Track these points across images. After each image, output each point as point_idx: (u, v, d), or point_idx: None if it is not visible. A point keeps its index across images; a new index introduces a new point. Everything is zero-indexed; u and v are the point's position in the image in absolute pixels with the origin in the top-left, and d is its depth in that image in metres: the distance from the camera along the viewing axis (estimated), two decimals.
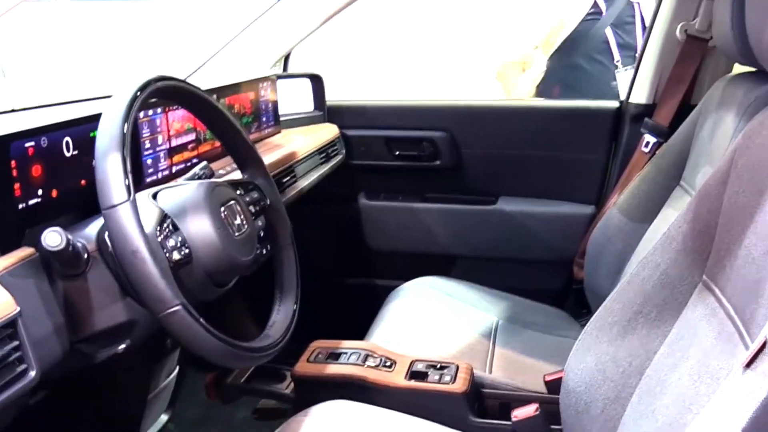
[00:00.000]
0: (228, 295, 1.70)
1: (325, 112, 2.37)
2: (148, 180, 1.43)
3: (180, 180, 1.31)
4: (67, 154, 1.17)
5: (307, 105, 2.35)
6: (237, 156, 1.30)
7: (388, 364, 1.57)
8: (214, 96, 1.68)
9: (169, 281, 0.94)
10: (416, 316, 1.91)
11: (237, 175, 1.40)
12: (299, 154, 1.98)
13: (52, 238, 0.92)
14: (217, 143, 1.73)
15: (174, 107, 1.53)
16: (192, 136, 1.62)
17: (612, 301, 1.27)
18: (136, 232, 0.92)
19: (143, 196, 1.08)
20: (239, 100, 1.88)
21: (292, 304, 1.27)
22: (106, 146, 0.95)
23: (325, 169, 2.16)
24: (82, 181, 1.22)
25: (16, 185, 1.06)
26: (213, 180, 1.21)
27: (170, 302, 0.94)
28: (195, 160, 1.62)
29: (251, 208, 1.26)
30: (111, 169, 0.94)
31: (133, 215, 0.93)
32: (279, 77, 2.19)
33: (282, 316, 1.24)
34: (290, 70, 2.43)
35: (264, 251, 1.27)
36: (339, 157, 2.31)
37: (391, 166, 2.37)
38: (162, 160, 1.49)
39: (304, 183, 1.96)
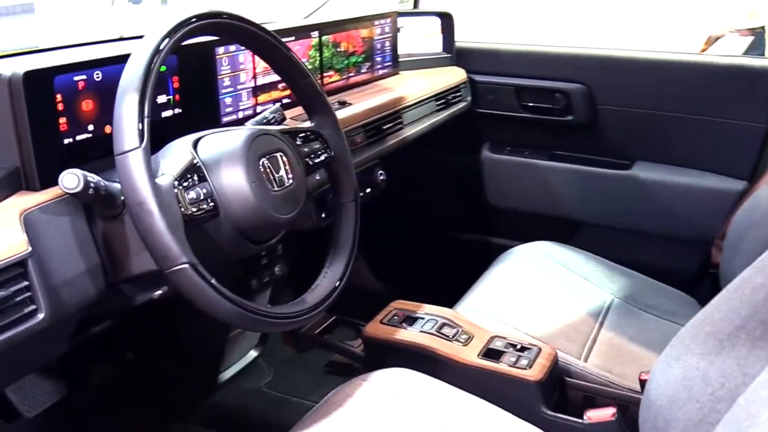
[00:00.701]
0: (276, 252, 1.64)
1: (453, 54, 2.20)
2: (225, 120, 1.38)
3: (248, 123, 1.24)
4: None
5: (434, 46, 2.20)
6: (303, 101, 1.21)
7: (464, 337, 1.45)
8: (316, 33, 1.60)
9: (178, 236, 0.88)
10: (518, 284, 1.75)
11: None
12: (409, 99, 1.86)
13: (69, 179, 0.89)
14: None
15: None
16: None
17: (713, 307, 1.06)
18: (145, 182, 0.86)
19: (183, 142, 1.02)
20: (348, 38, 1.78)
21: (341, 269, 1.18)
22: (124, 88, 0.89)
23: (440, 116, 2.02)
24: None
25: (62, 119, 1.04)
26: (260, 127, 1.12)
27: (176, 259, 0.88)
28: (286, 101, 1.55)
29: (308, 159, 1.17)
30: (126, 112, 0.88)
31: (143, 163, 0.87)
32: (401, 14, 2.05)
33: (327, 281, 1.15)
34: (422, 8, 2.28)
35: (322, 209, 1.18)
36: (462, 105, 2.15)
37: (519, 118, 2.18)
38: (244, 98, 1.44)
39: (410, 131, 1.84)
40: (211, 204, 0.97)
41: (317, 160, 1.18)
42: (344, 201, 1.23)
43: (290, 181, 1.08)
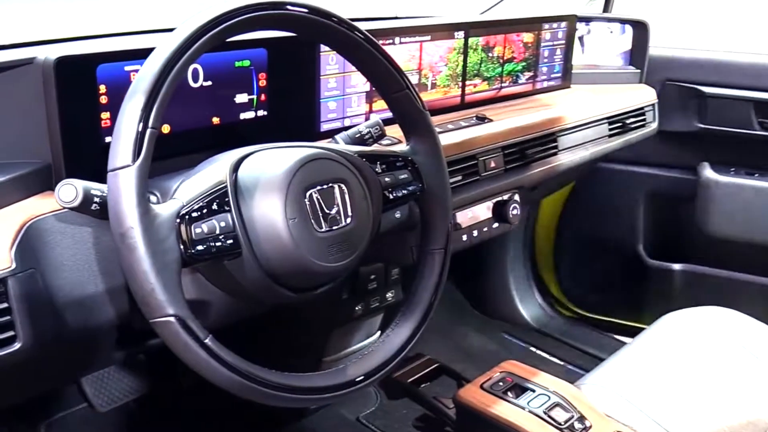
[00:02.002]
0: (390, 275, 1.42)
1: (643, 71, 1.86)
2: (324, 128, 1.19)
3: (338, 137, 1.04)
4: (194, 85, 0.99)
5: (621, 58, 1.87)
6: (398, 118, 0.98)
7: (576, 426, 1.16)
8: (461, 33, 1.37)
9: (165, 280, 0.71)
10: (676, 360, 1.38)
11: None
12: (573, 120, 1.56)
13: (66, 191, 0.74)
14: (445, 93, 1.41)
15: (386, 40, 1.25)
16: (413, 79, 1.33)
17: None
18: (131, 208, 0.70)
19: (224, 158, 0.84)
20: (506, 42, 1.51)
21: (404, 335, 0.94)
22: (130, 90, 0.73)
23: (612, 143, 1.69)
24: (214, 119, 1.03)
25: (105, 115, 0.90)
26: (321, 147, 0.91)
27: (159, 309, 0.71)
28: None
29: (389, 192, 0.94)
30: (125, 119, 0.72)
31: (133, 185, 0.70)
32: (581, 19, 1.74)
33: (384, 348, 0.93)
34: (614, 12, 1.95)
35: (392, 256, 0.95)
36: (644, 130, 1.80)
37: (749, 136, 1.85)
38: (354, 103, 1.24)
39: (566, 158, 1.54)
40: (229, 242, 0.78)
41: (400, 194, 0.96)
42: (430, 248, 0.99)
43: (348, 220, 0.86)
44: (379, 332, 1.64)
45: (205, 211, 0.77)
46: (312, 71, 1.15)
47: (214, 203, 0.78)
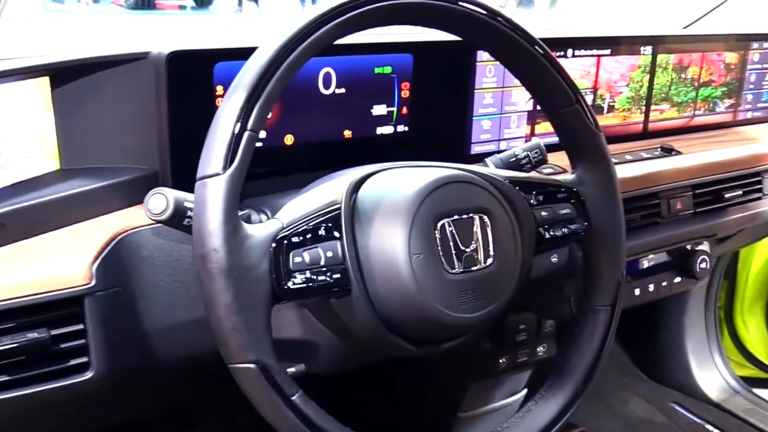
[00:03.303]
0: (543, 326, 1.22)
1: None
2: (476, 150, 1.03)
3: (488, 160, 0.86)
4: (325, 92, 0.86)
5: None
6: (565, 138, 0.79)
7: None
8: (648, 48, 1.16)
9: (249, 318, 0.57)
10: None
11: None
12: None
13: (155, 201, 0.63)
14: (624, 118, 1.20)
15: (557, 51, 1.07)
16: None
17: None
18: (217, 225, 0.56)
19: (344, 176, 0.69)
20: (702, 62, 1.27)
21: (554, 409, 0.74)
22: (231, 88, 0.60)
23: None
24: (346, 132, 0.89)
25: None
26: (462, 168, 0.73)
27: (239, 353, 0.57)
28: None
29: (544, 230, 0.75)
30: (220, 121, 0.59)
31: (221, 199, 0.57)
32: None
33: (528, 423, 0.73)
34: None
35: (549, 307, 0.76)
36: None
37: None
38: (514, 124, 1.06)
39: None
40: (336, 276, 0.63)
41: (559, 233, 0.76)
42: (594, 304, 0.79)
43: (488, 261, 0.68)
44: (525, 390, 1.43)
45: (309, 236, 0.62)
46: (465, 83, 0.99)
47: (322, 228, 0.63)
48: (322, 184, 0.70)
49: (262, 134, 0.83)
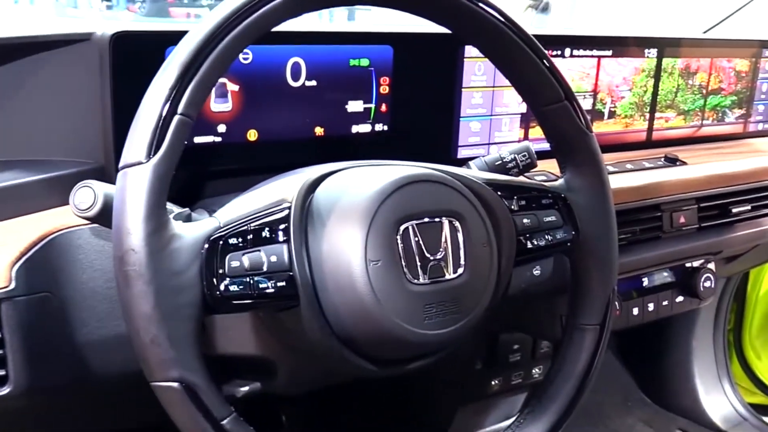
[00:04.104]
0: (538, 347, 1.16)
1: None
2: (462, 155, 0.95)
3: (471, 164, 0.79)
4: (293, 84, 0.79)
5: None
6: (552, 139, 0.71)
7: None
8: (653, 51, 1.09)
9: (174, 331, 0.49)
10: None
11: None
12: None
13: (82, 195, 0.56)
14: (627, 125, 1.12)
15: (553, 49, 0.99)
16: (586, 104, 1.05)
17: None
18: (136, 222, 0.49)
19: (299, 176, 0.62)
20: (711, 68, 1.19)
21: None
22: (162, 68, 0.52)
23: None
24: (317, 129, 0.82)
25: None
26: (434, 167, 0.65)
27: (160, 370, 0.49)
28: None
29: (526, 239, 0.67)
30: (146, 102, 0.52)
31: (144, 191, 0.49)
32: None
33: None
34: None
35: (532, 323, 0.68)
36: None
37: None
38: (505, 126, 0.98)
39: None
40: (280, 284, 0.55)
41: (542, 242, 0.68)
42: (580, 322, 0.71)
43: (458, 271, 0.60)
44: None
45: (250, 238, 0.55)
46: (451, 81, 0.91)
47: (266, 229, 0.55)
48: (274, 182, 0.62)
49: (221, 128, 0.76)
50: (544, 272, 0.73)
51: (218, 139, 0.76)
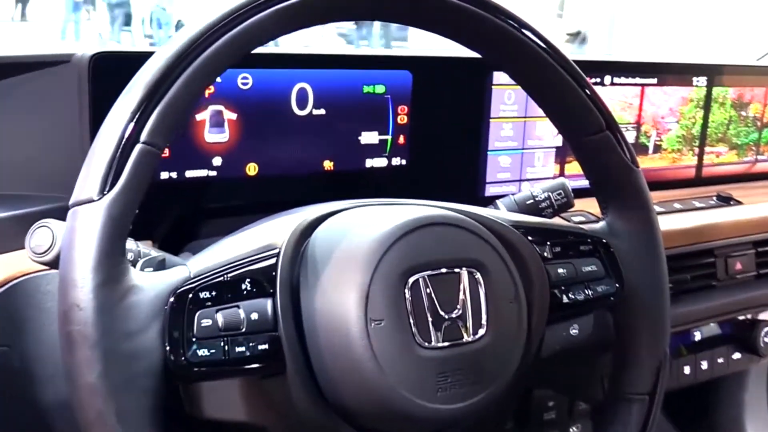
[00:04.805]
0: (576, 405, 1.05)
1: None
2: (490, 193, 0.86)
3: (499, 202, 0.69)
4: (299, 112, 0.70)
5: None
6: (593, 175, 0.61)
7: None
8: (702, 79, 0.99)
9: (125, 406, 0.41)
10: None
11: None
12: None
13: (39, 237, 0.48)
14: (674, 160, 1.02)
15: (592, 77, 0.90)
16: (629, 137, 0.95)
17: None
18: (84, 271, 0.41)
19: (293, 216, 0.53)
20: (767, 99, 1.09)
21: None
22: (124, 92, 0.44)
23: None
24: (326, 163, 0.73)
25: None
26: (452, 208, 0.55)
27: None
28: None
29: (561, 292, 0.57)
30: (103, 129, 0.43)
31: (94, 234, 0.41)
32: None
33: None
34: None
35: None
36: None
37: None
38: (538, 161, 0.89)
39: None
40: (261, 347, 0.46)
41: (581, 297, 0.58)
42: (627, 391, 0.60)
43: (479, 332, 0.50)
44: None
45: (227, 291, 0.46)
46: (478, 110, 0.82)
47: (247, 281, 0.46)
48: (260, 224, 0.53)
49: (217, 161, 0.67)
50: (583, 331, 0.62)
51: (213, 173, 0.68)
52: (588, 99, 0.57)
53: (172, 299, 0.44)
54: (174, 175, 0.66)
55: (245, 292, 0.46)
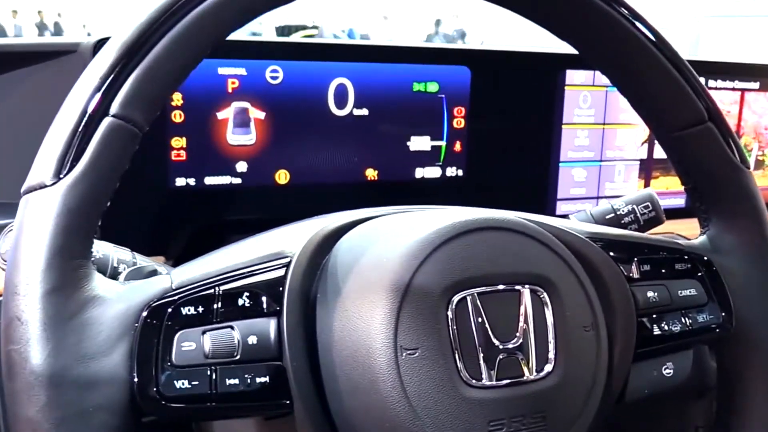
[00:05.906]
0: None
1: None
2: (562, 210, 0.74)
3: (572, 217, 0.58)
4: (338, 112, 0.61)
5: None
6: (690, 176, 0.49)
7: None
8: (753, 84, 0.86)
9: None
10: None
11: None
12: None
13: (9, 241, 0.40)
14: None
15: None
16: None
17: None
18: (31, 275, 0.32)
19: (315, 222, 0.43)
20: None
21: None
22: (91, 62, 0.36)
23: None
24: (369, 172, 0.64)
25: (178, 142, 0.57)
26: (497, 213, 0.44)
27: None
28: None
29: (651, 321, 0.45)
30: (64, 105, 0.35)
31: (47, 228, 0.32)
32: None
33: None
34: None
35: None
36: None
37: None
38: (619, 174, 0.77)
39: None
40: (260, 380, 0.36)
41: (677, 328, 0.46)
42: None
43: (547, 368, 0.39)
44: None
45: (217, 306, 0.36)
46: (548, 114, 0.72)
47: (245, 294, 0.37)
48: (271, 232, 0.44)
49: (242, 167, 0.59)
50: (679, 372, 0.49)
51: (237, 180, 0.59)
52: (686, 83, 0.46)
53: (144, 314, 0.34)
54: (191, 182, 0.58)
55: (242, 309, 0.36)
